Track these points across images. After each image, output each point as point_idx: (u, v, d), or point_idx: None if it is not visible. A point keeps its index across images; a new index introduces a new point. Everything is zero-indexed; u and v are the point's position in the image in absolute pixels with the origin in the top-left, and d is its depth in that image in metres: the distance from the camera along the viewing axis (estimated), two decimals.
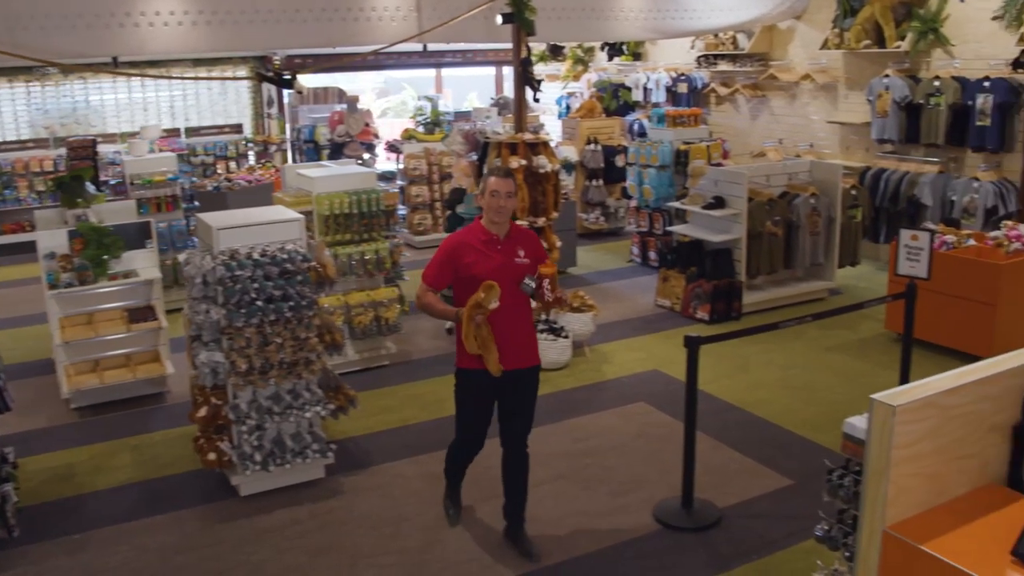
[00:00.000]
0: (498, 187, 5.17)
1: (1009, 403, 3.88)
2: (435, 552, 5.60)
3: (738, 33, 14.20)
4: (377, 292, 8.55)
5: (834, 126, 12.86)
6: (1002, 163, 10.79)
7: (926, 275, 6.57)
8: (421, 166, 13.66)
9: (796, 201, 10.22)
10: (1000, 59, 10.52)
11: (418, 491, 6.36)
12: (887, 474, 3.45)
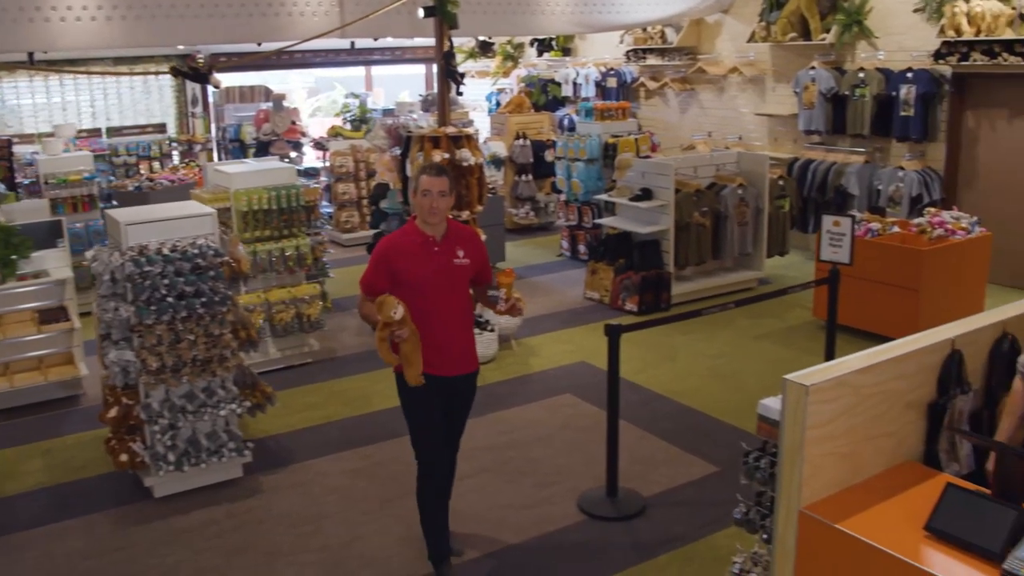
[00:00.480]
0: (430, 186, 4.77)
1: (924, 381, 3.85)
2: (356, 549, 5.47)
3: (666, 27, 14.21)
4: (299, 289, 8.37)
5: (762, 118, 12.92)
6: (926, 152, 10.92)
7: (848, 260, 6.58)
8: (348, 163, 13.48)
9: (724, 192, 10.23)
10: (922, 51, 10.64)
11: (340, 488, 6.22)
12: (802, 454, 3.40)
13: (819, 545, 3.40)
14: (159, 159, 14.46)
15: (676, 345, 8.81)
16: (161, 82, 15.49)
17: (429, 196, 4.78)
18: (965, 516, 3.18)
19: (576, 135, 12.07)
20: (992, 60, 9.81)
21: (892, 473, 3.73)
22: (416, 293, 4.73)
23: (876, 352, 3.71)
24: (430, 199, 4.78)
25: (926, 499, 3.35)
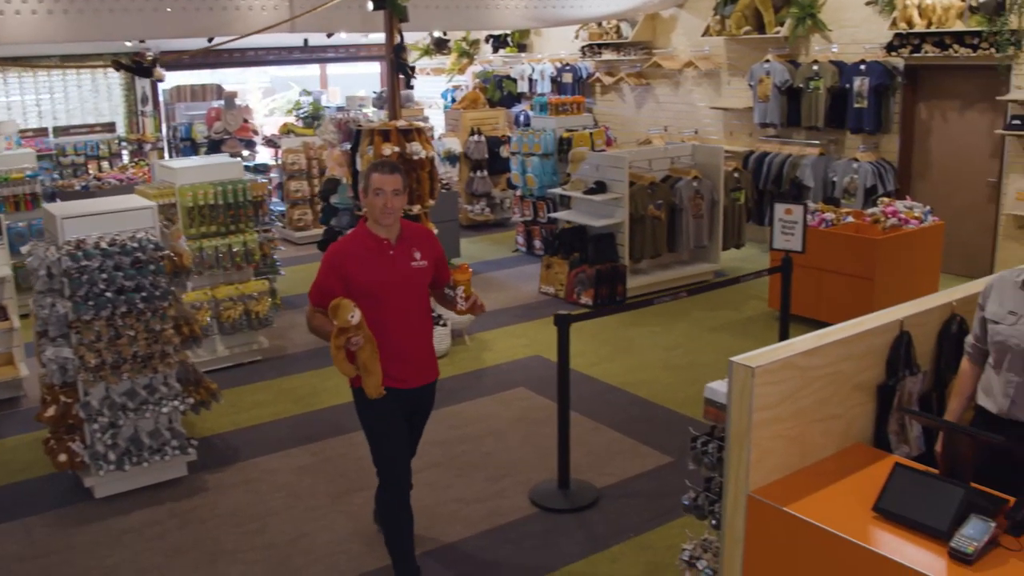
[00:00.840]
0: (382, 184, 4.40)
1: (872, 362, 3.80)
2: (302, 545, 5.34)
3: (621, 22, 14.17)
4: (247, 285, 8.20)
5: (718, 112, 12.90)
6: (880, 144, 10.96)
7: (800, 248, 6.55)
8: (300, 160, 13.29)
9: (678, 184, 10.18)
10: (875, 43, 10.67)
11: (287, 484, 6.09)
12: (749, 437, 3.33)
13: (768, 529, 3.34)
14: (108, 159, 14.21)
15: (631, 338, 8.75)
16: (110, 80, 15.23)
17: (382, 195, 4.42)
18: (913, 496, 3.13)
19: (531, 130, 11.98)
20: (943, 52, 9.85)
21: (841, 456, 3.67)
22: (372, 301, 4.39)
23: (823, 334, 3.65)
24: (383, 198, 4.42)
25: (875, 481, 3.30)
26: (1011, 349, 3.59)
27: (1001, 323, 3.65)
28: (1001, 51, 9.37)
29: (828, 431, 3.63)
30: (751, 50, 12.20)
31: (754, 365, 3.27)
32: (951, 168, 10.50)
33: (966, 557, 2.88)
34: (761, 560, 3.38)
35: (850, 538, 3.06)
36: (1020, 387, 3.58)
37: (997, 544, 2.97)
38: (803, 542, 3.21)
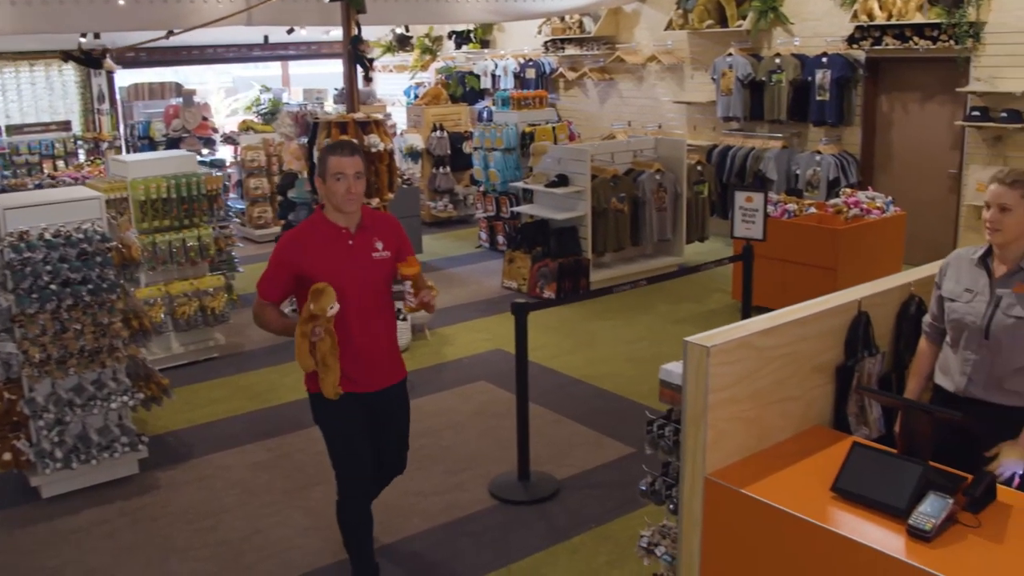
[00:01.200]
0: (343, 167, 4.06)
1: (831, 343, 3.73)
2: (256, 542, 5.21)
3: (584, 17, 14.11)
4: (202, 281, 8.03)
5: (681, 106, 12.87)
6: (842, 137, 10.97)
7: (761, 236, 6.50)
8: (259, 157, 13.10)
9: (641, 177, 10.12)
10: (837, 36, 10.67)
11: (242, 481, 5.95)
12: (705, 419, 3.25)
13: (725, 512, 3.26)
14: (63, 158, 13.96)
15: (594, 332, 8.67)
16: (65, 78, 14.97)
17: (344, 179, 4.06)
18: (871, 475, 3.06)
19: (493, 124, 11.89)
20: (904, 44, 9.86)
21: (800, 438, 3.60)
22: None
23: (780, 314, 3.58)
24: (345, 183, 4.06)
25: (834, 462, 3.22)
26: (967, 327, 3.54)
27: (957, 300, 3.60)
28: (960, 43, 9.38)
29: (786, 413, 3.56)
30: (714, 44, 12.18)
31: (709, 344, 3.19)
32: (912, 160, 10.51)
33: (924, 534, 2.82)
34: (719, 543, 3.31)
35: (808, 518, 2.99)
36: (977, 365, 3.53)
37: (955, 521, 2.91)
38: (761, 524, 3.13)
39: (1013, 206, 3.41)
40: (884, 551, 2.81)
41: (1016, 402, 3.49)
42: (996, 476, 3.18)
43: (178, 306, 7.85)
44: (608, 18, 13.68)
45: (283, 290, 4.23)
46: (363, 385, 4.26)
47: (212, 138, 14.84)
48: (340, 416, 4.28)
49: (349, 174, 4.08)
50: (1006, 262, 3.52)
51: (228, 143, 14.66)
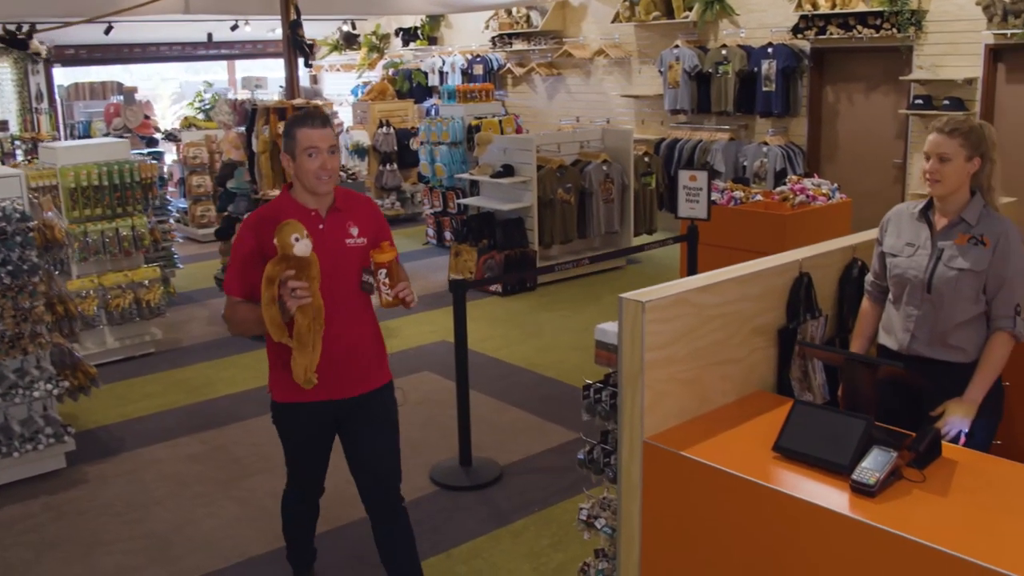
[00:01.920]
0: (316, 140, 3.50)
1: (772, 305, 3.62)
2: (186, 533, 5.01)
3: (531, 11, 14.03)
4: (136, 272, 7.78)
5: (629, 100, 12.82)
6: (788, 128, 10.96)
7: (706, 216, 6.40)
8: (202, 154, 12.80)
9: (588, 168, 10.02)
10: (782, 27, 10.66)
11: (175, 474, 5.74)
12: (642, 378, 3.11)
13: (665, 476, 3.13)
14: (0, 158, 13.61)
15: (541, 322, 8.55)
16: (1, 76, 14.63)
17: (317, 155, 3.51)
18: (813, 433, 2.94)
19: (439, 118, 11.74)
20: (848, 33, 9.86)
21: (742, 402, 3.48)
22: None
23: (719, 272, 3.46)
24: (318, 159, 3.51)
25: (776, 424, 3.10)
26: (909, 281, 3.45)
27: (899, 255, 3.51)
28: (902, 31, 9.39)
29: (727, 376, 3.44)
30: (660, 36, 12.14)
31: (644, 300, 3.06)
32: (858, 150, 10.51)
33: (868, 488, 2.71)
34: (660, 509, 3.17)
35: (749, 477, 2.87)
36: (920, 320, 3.44)
37: (900, 477, 2.81)
38: (702, 487, 3.00)
39: (952, 155, 3.32)
40: (828, 507, 2.69)
41: (960, 358, 3.40)
42: (941, 432, 3.08)
43: (112, 298, 7.60)
44: (555, 12, 13.60)
45: (249, 283, 3.57)
46: (334, 390, 3.67)
47: (155, 137, 14.54)
48: (301, 430, 3.83)
49: (322, 148, 3.51)
50: (947, 214, 3.43)
51: (170, 140, 14.36)
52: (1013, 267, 3.31)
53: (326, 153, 3.52)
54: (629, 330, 3.12)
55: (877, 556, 2.59)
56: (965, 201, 3.39)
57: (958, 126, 3.33)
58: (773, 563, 2.85)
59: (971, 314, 3.37)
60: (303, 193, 3.62)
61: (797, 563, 2.78)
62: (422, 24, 16.17)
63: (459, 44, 15.50)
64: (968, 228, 3.37)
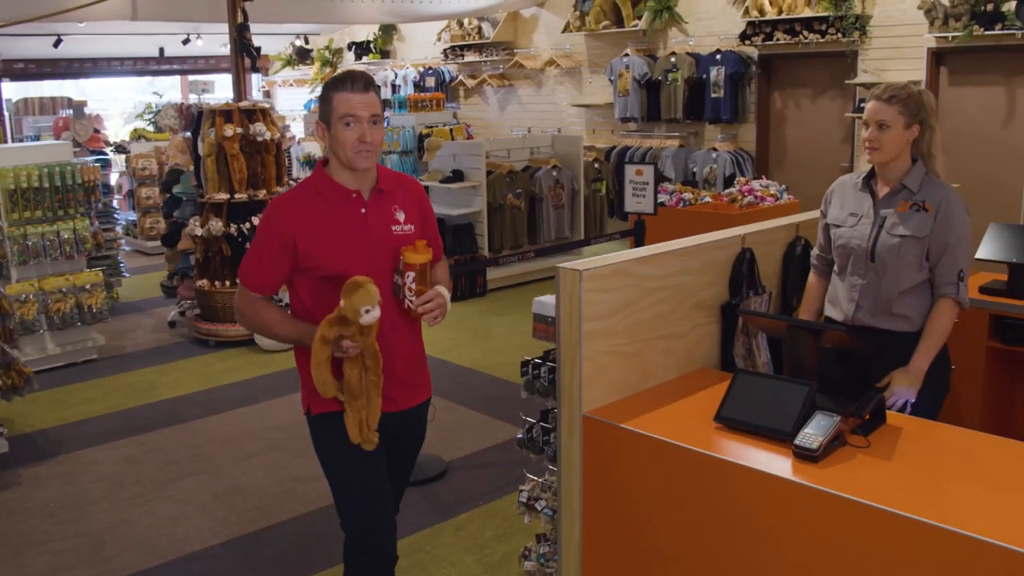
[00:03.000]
0: (353, 108, 2.96)
1: (714, 279, 3.57)
2: (120, 532, 4.85)
3: (483, 22, 14.02)
4: (78, 276, 7.61)
5: (580, 109, 12.83)
6: (738, 134, 11.00)
7: (652, 210, 6.38)
8: (151, 166, 12.64)
9: (538, 174, 10.00)
10: (730, 34, 10.72)
11: (112, 474, 5.58)
12: (580, 350, 3.04)
13: (605, 450, 3.05)
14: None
15: (491, 326, 8.48)
16: None
17: (356, 124, 2.97)
18: (756, 401, 2.89)
19: (389, 127, 11.66)
20: (794, 38, 9.93)
21: (686, 379, 3.42)
22: (341, 283, 2.93)
23: (659, 245, 3.41)
24: (357, 128, 2.98)
25: (719, 398, 3.04)
26: (853, 251, 3.42)
27: (843, 226, 3.48)
28: (847, 36, 9.47)
29: (669, 351, 3.38)
30: (611, 45, 12.17)
31: (582, 268, 3.00)
32: (806, 155, 10.58)
33: (811, 453, 2.65)
34: (601, 486, 3.09)
35: (692, 447, 2.80)
36: (864, 290, 3.41)
37: (845, 442, 2.76)
38: (643, 460, 2.93)
39: (891, 122, 3.30)
40: (770, 472, 2.63)
41: (905, 327, 3.37)
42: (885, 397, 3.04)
43: (52, 303, 7.42)
44: (506, 23, 13.60)
45: (276, 275, 3.09)
46: (387, 402, 3.17)
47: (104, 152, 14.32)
48: (354, 454, 3.15)
49: (363, 116, 2.98)
50: (888, 182, 3.41)
51: (119, 153, 14.15)
52: (955, 233, 3.29)
53: (367, 123, 2.98)
54: (567, 300, 3.05)
55: (821, 519, 2.53)
56: (906, 169, 3.37)
57: (897, 93, 3.31)
58: (717, 532, 2.78)
59: (915, 282, 3.34)
60: (340, 170, 3.08)
61: (741, 531, 2.72)
62: (375, 38, 16.13)
63: (412, 57, 15.46)
64: (910, 195, 3.34)
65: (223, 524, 4.89)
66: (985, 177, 8.70)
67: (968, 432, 2.95)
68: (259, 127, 7.86)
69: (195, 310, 8.42)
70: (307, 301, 3.13)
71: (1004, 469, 2.67)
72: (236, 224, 7.92)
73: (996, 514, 2.35)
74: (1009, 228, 4.68)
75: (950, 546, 2.29)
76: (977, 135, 8.84)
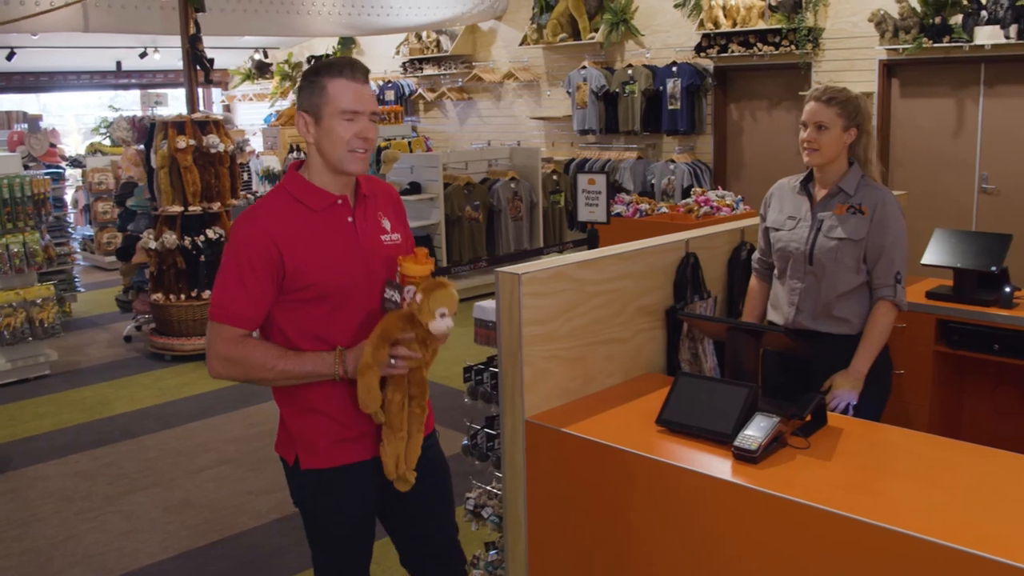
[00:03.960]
0: (356, 100, 2.58)
1: (658, 284, 3.58)
2: (68, 548, 4.78)
3: (441, 36, 14.04)
4: (29, 291, 7.53)
5: (539, 122, 12.86)
6: (695, 146, 11.07)
7: (605, 219, 6.41)
8: (107, 180, 12.52)
9: (496, 186, 10.01)
10: (686, 46, 10.80)
11: (61, 490, 5.51)
12: (521, 355, 3.04)
13: (548, 455, 3.05)
14: None
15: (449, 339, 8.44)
16: None
17: (357, 120, 2.59)
18: (697, 404, 2.90)
19: None
20: (748, 51, 10.02)
21: (629, 384, 3.43)
22: (326, 308, 2.63)
23: (602, 249, 3.43)
24: (360, 123, 2.59)
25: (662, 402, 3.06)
26: (792, 254, 3.44)
27: (781, 229, 3.51)
28: (800, 48, 9.57)
29: (612, 356, 3.38)
30: (568, 58, 12.22)
31: (521, 272, 3.00)
32: (763, 166, 10.66)
33: (750, 454, 2.67)
34: (545, 491, 3.09)
35: (633, 451, 2.80)
36: (804, 293, 3.43)
37: (785, 444, 2.77)
38: (586, 464, 2.93)
39: (829, 124, 3.33)
40: (710, 474, 2.64)
41: (845, 330, 3.39)
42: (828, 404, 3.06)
43: (3, 317, 7.33)
44: (465, 36, 13.63)
45: (262, 303, 2.58)
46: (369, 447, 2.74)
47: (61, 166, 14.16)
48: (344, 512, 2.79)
49: (366, 112, 2.60)
50: (826, 185, 3.44)
51: (75, 166, 14.01)
52: (891, 236, 3.32)
53: (367, 119, 2.61)
54: (507, 304, 3.05)
55: (759, 519, 2.54)
56: (843, 172, 3.41)
57: (835, 95, 3.35)
58: (661, 535, 2.79)
59: (853, 284, 3.36)
60: (323, 173, 2.65)
61: (684, 533, 2.72)
62: (334, 51, 16.10)
63: (371, 71, 15.40)
64: (847, 198, 3.38)
65: (173, 538, 4.84)
66: (935, 186, 8.82)
67: (907, 432, 2.98)
68: (212, 139, 7.82)
69: (151, 324, 8.35)
70: (291, 333, 2.64)
71: (941, 467, 2.69)
72: (190, 237, 7.87)
73: (930, 511, 2.37)
74: (954, 234, 4.73)
75: (883, 543, 2.30)
76: (927, 145, 8.96)
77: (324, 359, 2.59)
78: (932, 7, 8.37)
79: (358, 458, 2.70)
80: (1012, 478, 2.60)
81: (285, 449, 2.77)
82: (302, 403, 2.68)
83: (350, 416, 2.67)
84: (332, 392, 2.65)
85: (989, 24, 8.06)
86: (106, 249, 12.63)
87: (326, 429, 2.68)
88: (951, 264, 4.60)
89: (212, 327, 2.57)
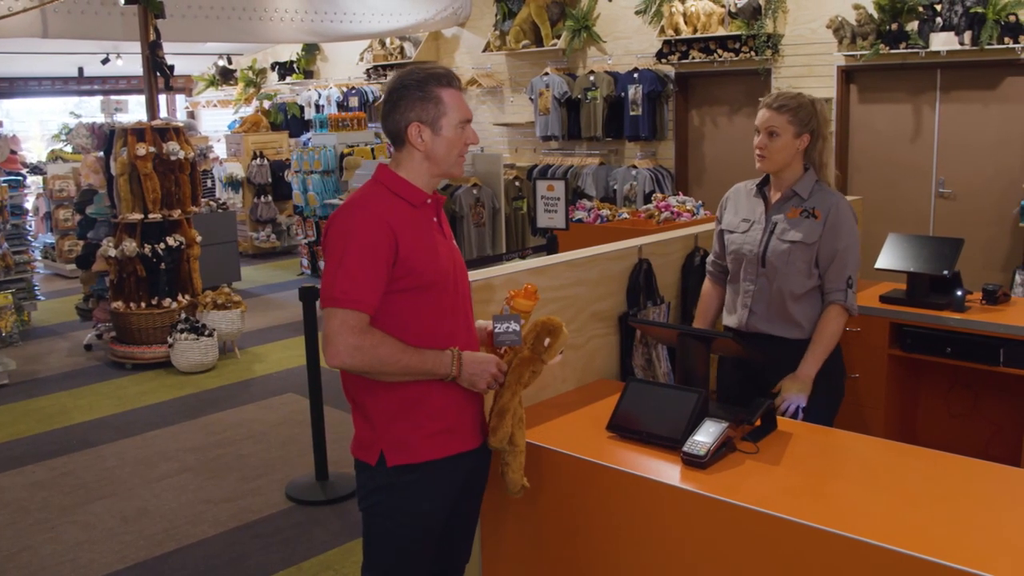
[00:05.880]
0: (467, 110, 2.74)
1: (611, 290, 3.61)
2: (22, 559, 4.73)
3: (405, 42, 14.02)
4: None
5: (502, 128, 12.88)
6: (657, 151, 11.11)
7: (564, 226, 6.43)
8: (68, 187, 12.42)
9: (458, 192, 10.00)
10: (647, 53, 10.85)
11: (16, 500, 5.43)
12: None
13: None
14: None
15: None
16: None
17: (468, 127, 2.75)
18: (647, 409, 2.93)
19: (311, 147, 11.62)
20: (709, 57, 10.08)
21: (582, 390, 3.46)
22: (431, 297, 2.65)
23: (553, 256, 3.45)
24: (469, 131, 2.76)
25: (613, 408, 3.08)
26: (745, 256, 3.47)
27: (736, 231, 3.54)
28: (760, 54, 9.64)
29: (566, 362, 3.41)
30: (531, 65, 12.25)
31: (472, 280, 3.01)
32: (724, 172, 10.73)
33: (699, 460, 2.70)
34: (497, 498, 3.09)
35: (584, 457, 2.83)
36: (756, 295, 3.46)
37: (734, 449, 2.80)
38: (537, 471, 2.94)
39: (781, 130, 3.37)
40: (658, 480, 2.67)
41: (797, 334, 3.42)
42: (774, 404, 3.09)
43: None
44: (428, 43, 13.63)
45: (380, 291, 2.56)
46: (467, 439, 2.76)
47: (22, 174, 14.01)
48: (441, 497, 2.75)
49: (471, 120, 2.77)
50: (781, 188, 3.47)
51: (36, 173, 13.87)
52: (844, 240, 3.36)
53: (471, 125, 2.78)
54: None
55: (707, 524, 2.57)
56: (798, 176, 3.44)
57: (786, 102, 3.39)
58: (612, 541, 2.81)
59: (805, 288, 3.40)
60: (420, 175, 2.69)
61: (635, 538, 2.75)
62: (298, 58, 16.05)
63: (335, 77, 15.41)
64: (800, 202, 3.41)
65: (130, 548, 4.79)
66: (892, 191, 8.91)
67: (856, 436, 3.02)
68: (172, 146, 7.78)
69: (111, 333, 8.29)
70: (408, 320, 2.62)
71: (888, 471, 2.73)
72: (150, 244, 7.82)
73: (874, 514, 2.40)
74: (907, 238, 4.80)
75: (829, 547, 2.33)
76: (885, 150, 9.05)
77: (442, 359, 2.61)
78: (888, 13, 8.47)
79: (447, 452, 2.69)
80: (958, 482, 2.64)
81: (366, 450, 2.70)
82: (400, 398, 2.65)
83: (440, 410, 2.69)
84: (429, 387, 2.66)
85: (944, 31, 8.16)
86: (68, 257, 12.51)
87: (418, 424, 2.66)
88: (904, 268, 4.66)
89: (334, 314, 2.50)
